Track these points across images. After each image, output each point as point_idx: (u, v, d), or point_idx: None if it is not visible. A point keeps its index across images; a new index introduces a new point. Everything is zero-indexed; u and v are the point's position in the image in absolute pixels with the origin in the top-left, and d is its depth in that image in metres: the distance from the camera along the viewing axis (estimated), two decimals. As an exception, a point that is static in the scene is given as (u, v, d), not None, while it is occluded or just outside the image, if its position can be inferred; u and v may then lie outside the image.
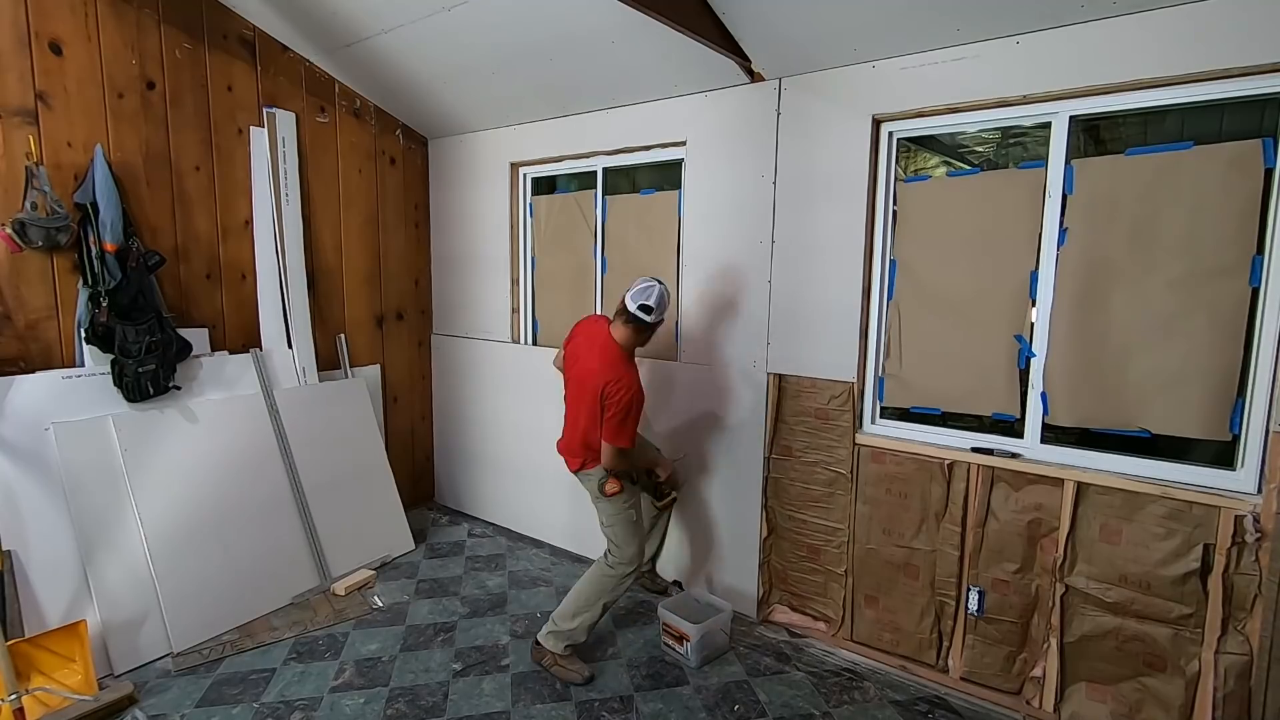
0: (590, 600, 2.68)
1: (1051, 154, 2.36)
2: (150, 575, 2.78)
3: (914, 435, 2.73)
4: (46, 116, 2.74)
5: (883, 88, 2.59)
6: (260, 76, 3.43)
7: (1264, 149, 2.03)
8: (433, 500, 4.62)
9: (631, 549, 2.68)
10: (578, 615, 2.68)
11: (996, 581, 2.52)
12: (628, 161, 3.50)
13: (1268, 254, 2.05)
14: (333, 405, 3.66)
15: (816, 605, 2.99)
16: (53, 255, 2.78)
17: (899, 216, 2.71)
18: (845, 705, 2.54)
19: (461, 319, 4.30)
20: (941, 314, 2.64)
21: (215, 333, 3.33)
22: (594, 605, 2.68)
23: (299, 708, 2.49)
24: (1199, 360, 2.16)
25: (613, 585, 2.69)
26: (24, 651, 2.38)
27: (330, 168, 3.80)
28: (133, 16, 2.95)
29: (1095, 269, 2.30)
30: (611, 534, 2.69)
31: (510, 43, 3.01)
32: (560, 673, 2.68)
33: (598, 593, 2.68)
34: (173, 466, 2.94)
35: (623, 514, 2.66)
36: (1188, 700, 2.19)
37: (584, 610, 2.68)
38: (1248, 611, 2.09)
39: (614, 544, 2.70)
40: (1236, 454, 2.14)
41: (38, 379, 2.70)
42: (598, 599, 2.68)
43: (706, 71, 2.90)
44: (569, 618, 2.68)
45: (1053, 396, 2.42)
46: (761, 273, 2.95)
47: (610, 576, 2.69)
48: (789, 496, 2.99)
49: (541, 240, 3.95)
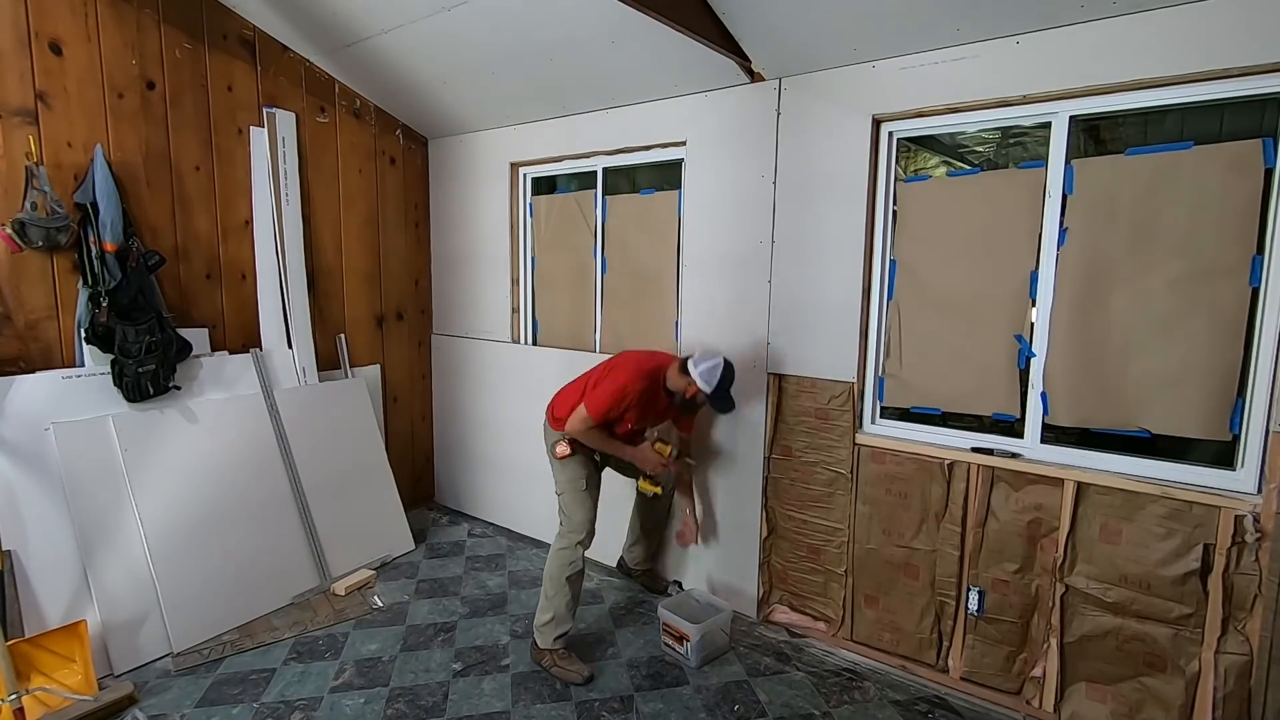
0: (555, 579, 2.71)
1: (1051, 154, 2.36)
2: (150, 575, 2.78)
3: (914, 435, 2.73)
4: (46, 116, 2.74)
5: (883, 87, 2.59)
6: (260, 76, 3.43)
7: (1264, 149, 2.03)
8: (433, 500, 4.62)
9: (578, 518, 2.73)
10: (551, 599, 2.72)
11: (996, 581, 2.52)
12: (628, 161, 3.50)
13: (1268, 254, 2.05)
14: (333, 405, 3.66)
15: (816, 605, 2.99)
16: (53, 255, 2.78)
17: (899, 216, 2.71)
18: (845, 705, 2.54)
19: (461, 319, 4.30)
20: (941, 314, 2.64)
21: (215, 333, 3.33)
22: (559, 583, 2.70)
23: (299, 708, 2.49)
24: (1199, 360, 2.16)
25: (568, 557, 2.71)
26: (24, 651, 2.38)
27: (330, 168, 3.80)
28: (133, 16, 2.95)
29: (1095, 269, 2.30)
30: (561, 501, 2.79)
31: (510, 43, 3.01)
32: (560, 673, 2.69)
33: (559, 569, 2.71)
34: (173, 466, 2.94)
35: (572, 482, 2.74)
36: (1188, 700, 2.19)
37: (554, 593, 2.72)
38: (1248, 611, 2.09)
39: (563, 511, 2.79)
40: (1236, 454, 2.14)
41: (38, 379, 2.70)
42: (560, 575, 2.70)
43: (706, 71, 2.90)
44: (545, 605, 2.74)
45: (1053, 396, 2.42)
46: (761, 273, 2.95)
47: (563, 549, 2.72)
48: (789, 496, 2.99)
49: (541, 240, 3.95)
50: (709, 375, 2.57)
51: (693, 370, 2.59)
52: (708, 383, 2.57)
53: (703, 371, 2.58)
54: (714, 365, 2.59)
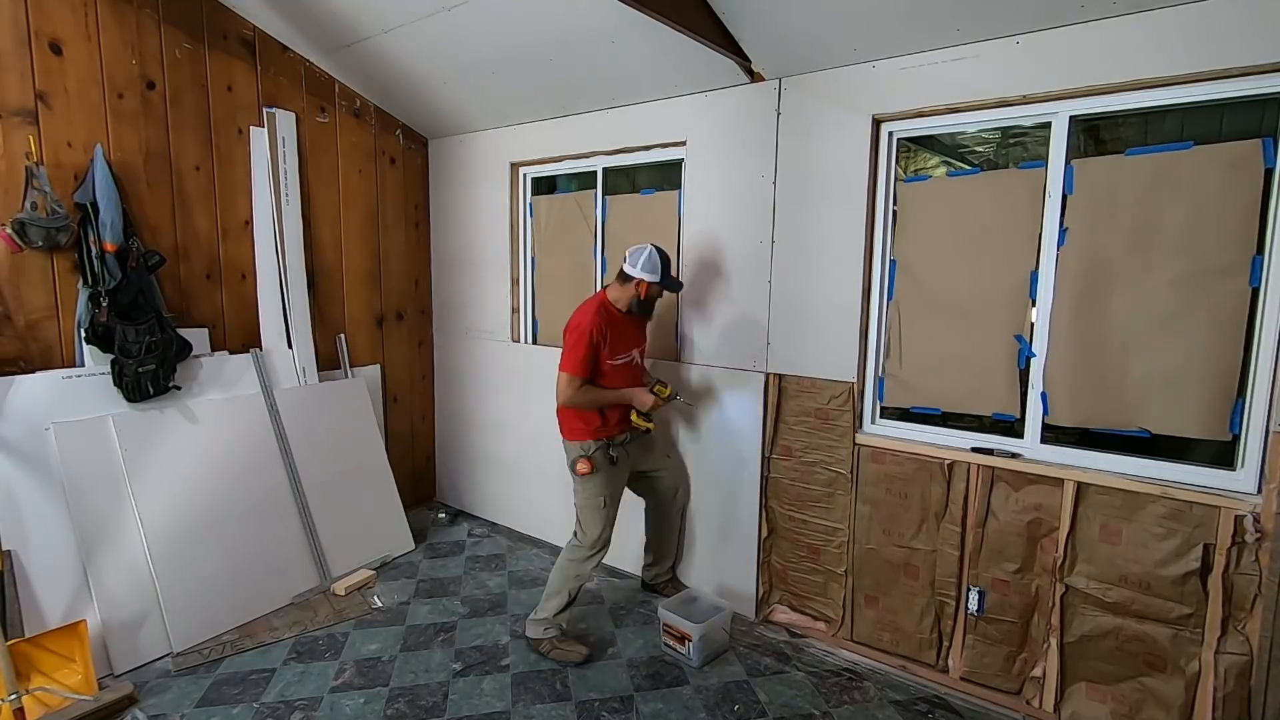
0: (559, 583, 2.80)
1: (1051, 154, 2.36)
2: (150, 575, 2.78)
3: (914, 435, 2.73)
4: (46, 116, 2.74)
5: (883, 88, 2.59)
6: (260, 76, 3.43)
7: (1264, 149, 2.03)
8: (433, 500, 4.62)
9: (594, 533, 2.79)
10: (550, 598, 2.81)
11: (996, 581, 2.52)
12: (628, 161, 3.50)
13: (1268, 254, 2.05)
14: (333, 405, 3.66)
15: (816, 605, 2.99)
16: (53, 255, 2.77)
17: (899, 216, 2.71)
18: (845, 705, 2.54)
19: (461, 319, 4.30)
20: (942, 314, 2.64)
21: (215, 333, 3.33)
22: (562, 586, 2.79)
23: (299, 708, 2.49)
24: (1199, 360, 2.16)
25: (576, 569, 2.80)
26: (24, 651, 2.38)
27: (330, 168, 3.80)
28: (133, 16, 2.95)
29: (1095, 269, 2.30)
30: (580, 514, 2.83)
31: (510, 43, 3.01)
32: (558, 655, 2.75)
33: (564, 579, 2.80)
34: (173, 467, 2.94)
35: (591, 499, 2.79)
36: (1188, 700, 2.19)
37: (555, 594, 2.81)
38: (1248, 611, 2.09)
39: (580, 525, 2.83)
40: (1236, 454, 2.14)
41: (38, 379, 2.70)
42: (565, 583, 2.79)
43: (706, 71, 2.90)
44: (542, 604, 2.83)
45: (1053, 396, 2.42)
46: (761, 273, 2.95)
47: (573, 560, 2.81)
48: (789, 496, 2.99)
49: (541, 240, 3.95)
50: (648, 264, 2.68)
51: (633, 270, 2.70)
52: (651, 270, 2.68)
53: (642, 263, 2.68)
54: (646, 255, 2.69)
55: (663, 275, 2.70)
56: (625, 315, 2.80)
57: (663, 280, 2.71)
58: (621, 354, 2.80)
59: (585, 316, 2.72)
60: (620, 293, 2.77)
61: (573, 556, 2.81)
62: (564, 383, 2.69)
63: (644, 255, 2.68)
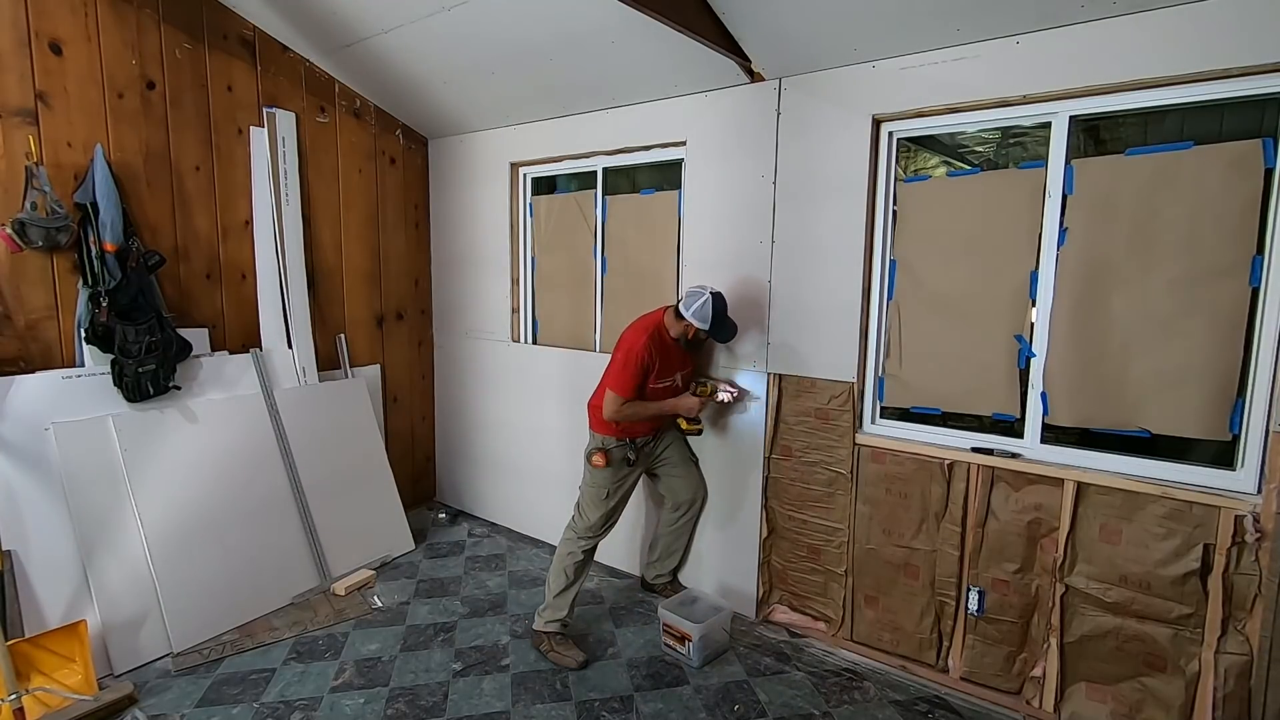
0: (556, 566, 2.86)
1: (1051, 154, 2.36)
2: (150, 575, 2.78)
3: (914, 435, 2.73)
4: (46, 116, 2.74)
5: (883, 88, 2.58)
6: (260, 76, 3.43)
7: (1264, 149, 2.03)
8: (433, 500, 4.62)
9: (590, 519, 2.86)
10: (551, 585, 2.87)
11: (996, 581, 2.52)
12: (628, 161, 3.50)
13: (1268, 254, 2.05)
14: (333, 405, 3.65)
15: (816, 605, 2.99)
16: (53, 255, 2.77)
17: (899, 216, 2.71)
18: (845, 705, 2.54)
19: (461, 319, 4.30)
20: (942, 314, 2.64)
21: (215, 333, 3.33)
22: (559, 571, 2.84)
23: (299, 708, 2.49)
24: (1199, 360, 2.16)
25: (569, 548, 2.86)
26: (24, 651, 2.38)
27: (330, 168, 3.80)
28: (133, 16, 2.95)
29: (1095, 269, 2.30)
30: (581, 498, 2.92)
31: (510, 43, 3.01)
32: (555, 658, 2.77)
33: (559, 553, 2.88)
34: (173, 466, 2.94)
35: (597, 489, 2.85)
36: (1188, 700, 2.19)
37: (555, 579, 2.86)
38: (1248, 611, 2.09)
39: (579, 509, 2.91)
40: (1236, 454, 2.14)
41: (38, 379, 2.70)
42: (560, 563, 2.85)
43: (706, 71, 2.90)
44: (546, 590, 2.89)
45: (1053, 396, 2.42)
46: (761, 273, 2.95)
47: (567, 539, 2.89)
48: (789, 496, 2.99)
49: (541, 240, 3.95)
50: (701, 312, 2.68)
51: (685, 313, 2.71)
52: (702, 319, 2.68)
53: (694, 310, 2.69)
54: (702, 301, 2.68)
55: (712, 325, 2.69)
56: (676, 342, 2.83)
57: (712, 330, 2.71)
58: (666, 378, 2.83)
59: (640, 338, 2.74)
60: (674, 325, 2.79)
61: (566, 537, 2.89)
62: (611, 400, 2.74)
63: (698, 302, 2.67)
